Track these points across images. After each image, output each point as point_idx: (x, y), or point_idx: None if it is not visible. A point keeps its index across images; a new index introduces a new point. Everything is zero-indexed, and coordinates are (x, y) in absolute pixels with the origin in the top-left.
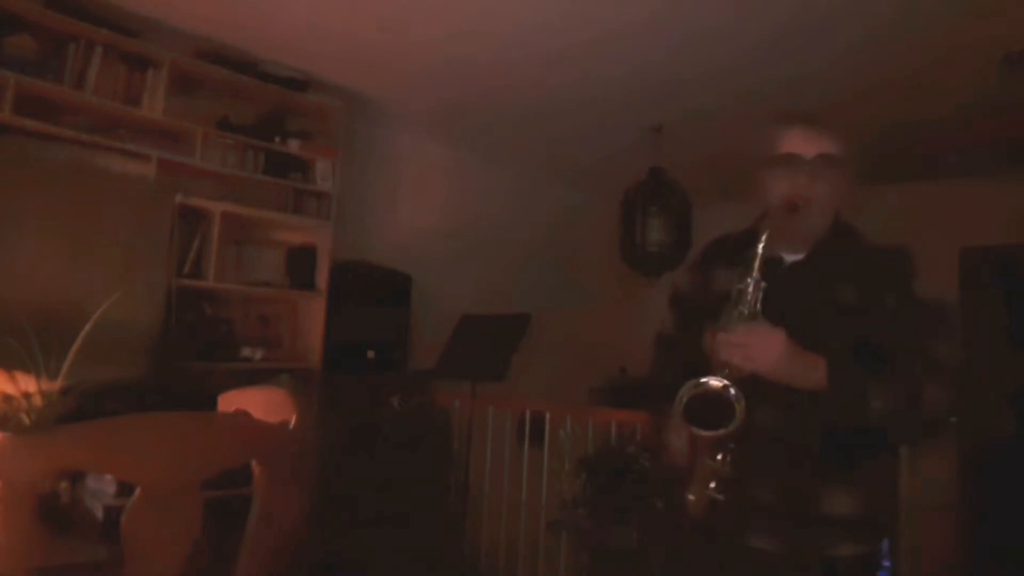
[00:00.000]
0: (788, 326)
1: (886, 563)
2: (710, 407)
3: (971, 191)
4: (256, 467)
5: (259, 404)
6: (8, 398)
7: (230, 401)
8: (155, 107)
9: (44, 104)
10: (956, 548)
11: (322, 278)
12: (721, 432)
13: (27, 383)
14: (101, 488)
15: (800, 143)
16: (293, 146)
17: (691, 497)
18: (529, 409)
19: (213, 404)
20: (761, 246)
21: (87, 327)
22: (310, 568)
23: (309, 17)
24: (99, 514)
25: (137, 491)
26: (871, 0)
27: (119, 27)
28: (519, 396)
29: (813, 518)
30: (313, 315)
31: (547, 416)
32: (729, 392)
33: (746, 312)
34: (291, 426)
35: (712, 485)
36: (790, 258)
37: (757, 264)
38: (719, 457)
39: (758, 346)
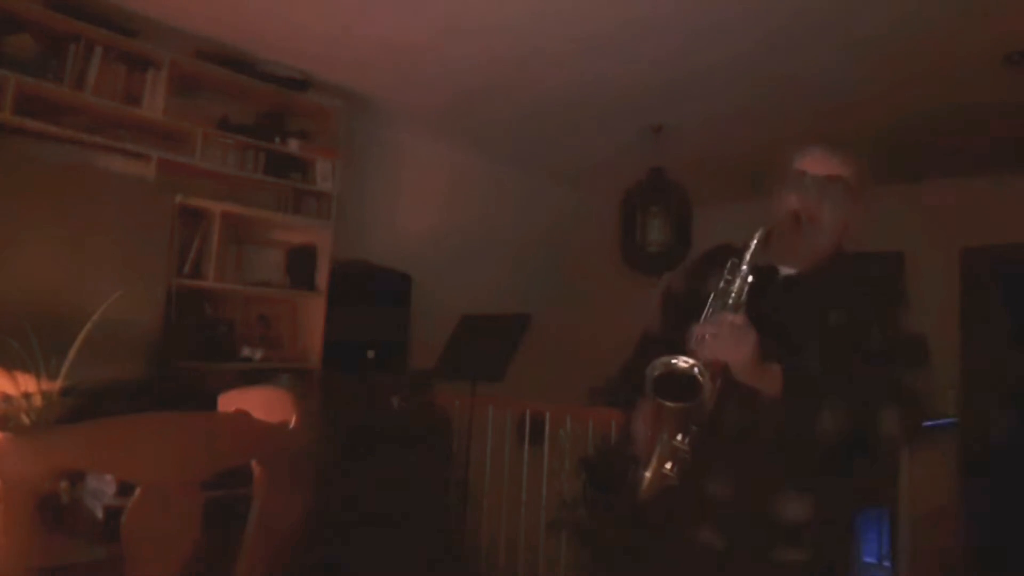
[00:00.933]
0: (770, 334)
1: (886, 564)
2: (680, 387)
3: (971, 191)
4: (256, 467)
5: (259, 404)
6: (8, 398)
7: (230, 401)
8: (155, 107)
9: (44, 104)
10: (956, 548)
11: (322, 278)
12: (687, 404)
13: (27, 383)
14: (101, 488)
15: (814, 164)
16: (293, 146)
17: (646, 475)
18: (529, 409)
19: (213, 404)
20: (755, 243)
21: (87, 327)
22: (310, 568)
23: (309, 17)
24: (99, 514)
25: (137, 491)
26: (871, 1)
27: (119, 27)
28: (519, 396)
29: (762, 519)
30: (313, 315)
31: (547, 416)
32: (695, 371)
33: (730, 303)
34: (291, 426)
35: (668, 466)
36: (784, 271)
37: (747, 258)
38: (679, 437)
39: (729, 336)
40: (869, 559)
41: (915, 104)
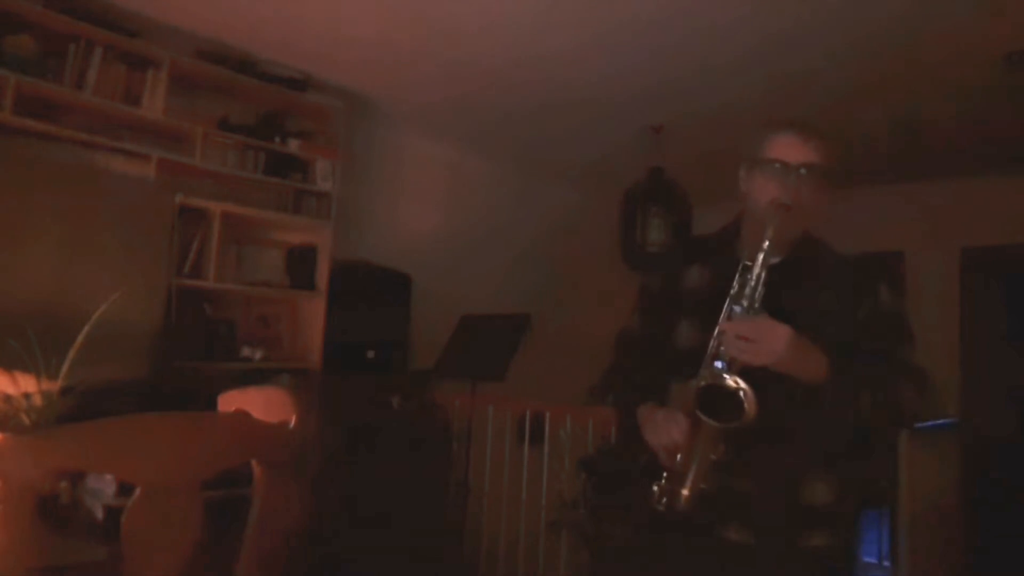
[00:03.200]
0: None
1: (886, 563)
2: (715, 399)
3: (971, 191)
4: (256, 467)
5: (259, 404)
6: (8, 398)
7: (230, 401)
8: (155, 107)
9: (44, 104)
10: (956, 548)
11: (322, 278)
12: (735, 423)
13: (27, 383)
14: (101, 488)
15: (788, 150)
16: (293, 146)
17: (684, 492)
18: (529, 409)
19: (213, 404)
20: (766, 244)
21: (87, 327)
22: (310, 568)
23: (309, 17)
24: (99, 514)
25: (137, 491)
26: (871, 1)
27: (119, 27)
28: (519, 396)
29: (789, 508)
30: (313, 315)
31: (547, 416)
32: (737, 387)
33: (746, 306)
34: (291, 426)
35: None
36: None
37: (762, 259)
38: (720, 449)
39: (765, 341)
40: (869, 559)
41: (915, 104)
